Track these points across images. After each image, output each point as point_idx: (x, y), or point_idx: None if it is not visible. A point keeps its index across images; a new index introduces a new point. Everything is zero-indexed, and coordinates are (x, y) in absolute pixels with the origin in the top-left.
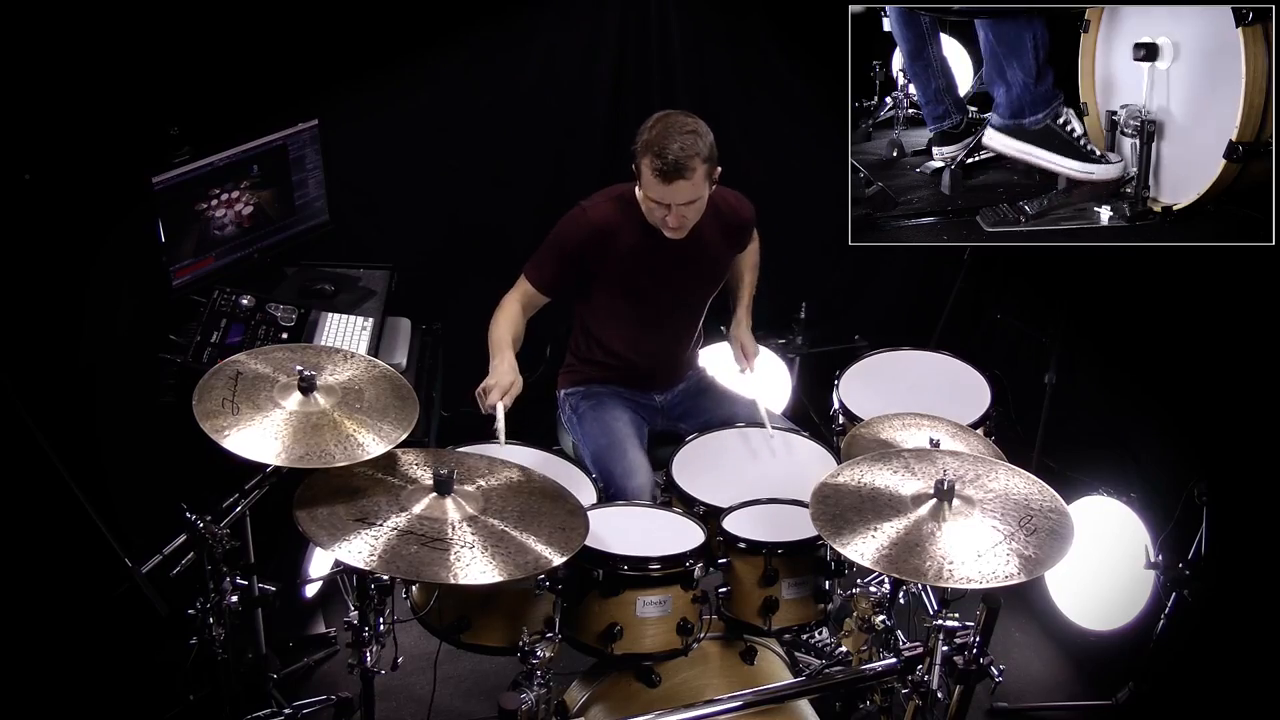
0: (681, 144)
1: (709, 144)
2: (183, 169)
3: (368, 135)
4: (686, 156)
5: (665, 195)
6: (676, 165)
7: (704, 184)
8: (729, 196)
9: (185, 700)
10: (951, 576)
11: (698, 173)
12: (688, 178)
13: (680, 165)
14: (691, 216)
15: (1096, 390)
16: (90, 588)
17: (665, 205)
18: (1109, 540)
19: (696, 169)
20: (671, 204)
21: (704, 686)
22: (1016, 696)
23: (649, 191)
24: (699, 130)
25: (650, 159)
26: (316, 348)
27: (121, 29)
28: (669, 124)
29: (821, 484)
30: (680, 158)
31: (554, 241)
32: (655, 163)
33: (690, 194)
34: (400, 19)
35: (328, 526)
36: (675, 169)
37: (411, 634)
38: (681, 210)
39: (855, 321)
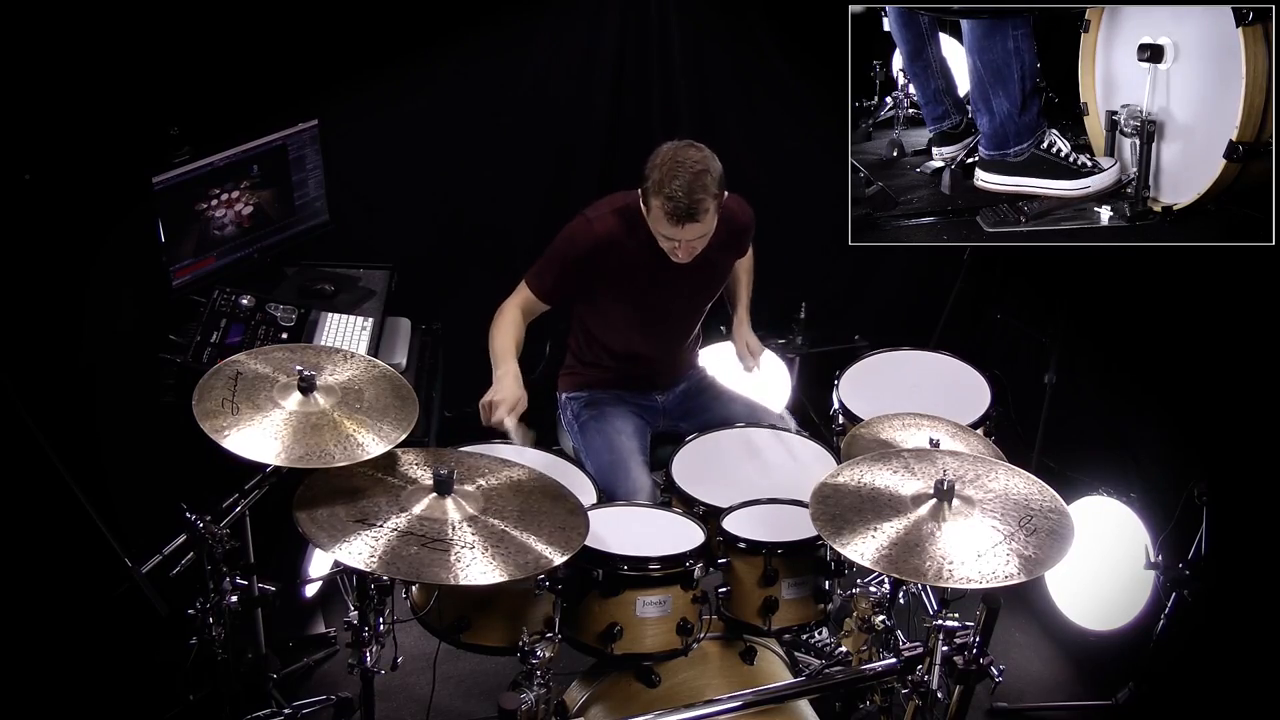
0: (692, 187)
1: (718, 178)
2: (183, 169)
3: (368, 135)
4: (697, 200)
5: (676, 234)
6: (690, 210)
7: (714, 218)
8: (730, 203)
9: (185, 700)
10: (951, 577)
11: (709, 213)
12: (699, 220)
13: (693, 209)
14: (699, 247)
15: (1096, 390)
16: (90, 587)
17: (675, 240)
18: (1109, 540)
19: (708, 209)
20: (681, 240)
21: (704, 687)
22: (1016, 696)
23: (659, 229)
24: (709, 168)
25: (662, 201)
26: (316, 348)
27: (121, 29)
28: (678, 164)
29: (821, 484)
30: (692, 202)
31: (557, 252)
32: (667, 205)
33: (702, 231)
34: (400, 19)
35: (328, 528)
36: (688, 214)
37: (411, 634)
38: (692, 244)
39: (855, 321)
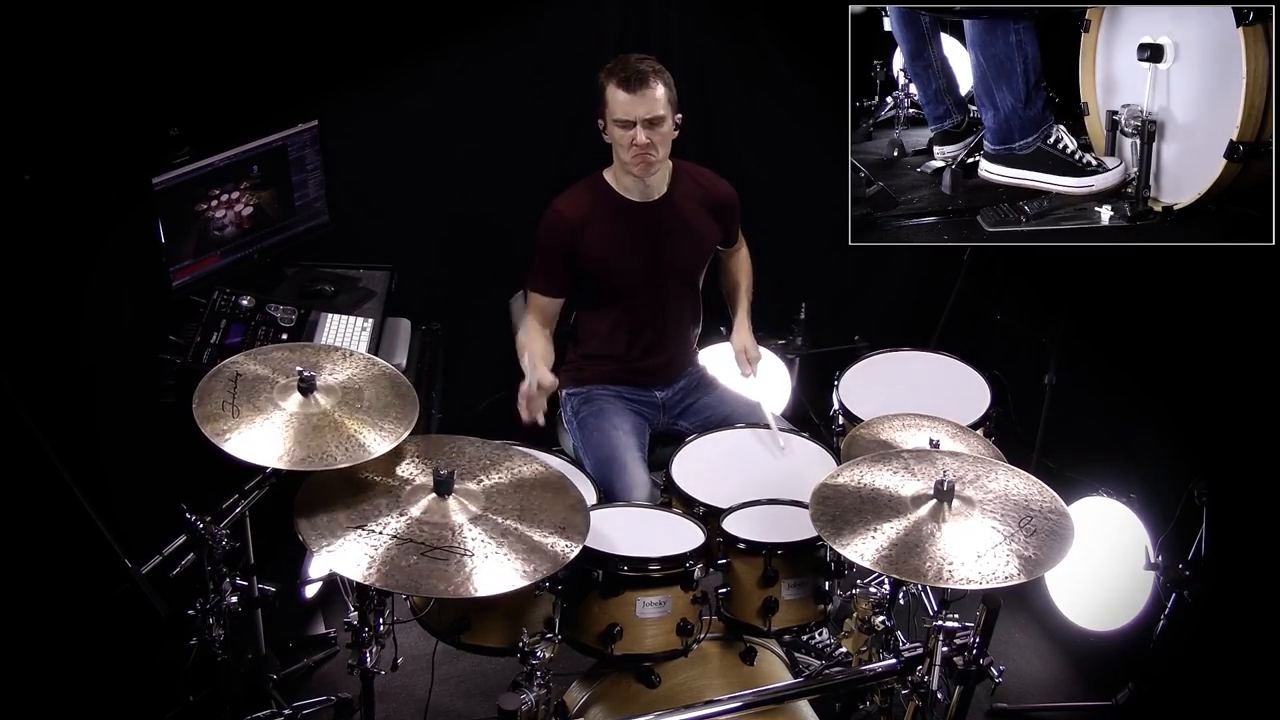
0: (640, 59)
1: (669, 78)
2: (183, 169)
3: (368, 135)
4: (648, 68)
5: (631, 108)
6: (639, 73)
7: (668, 106)
8: (705, 170)
9: (185, 701)
10: (951, 577)
11: (660, 87)
12: (651, 86)
13: (643, 73)
14: (659, 144)
15: (1096, 391)
16: (90, 588)
17: (631, 124)
18: (1109, 541)
19: (659, 83)
20: (636, 120)
21: (704, 687)
22: (1016, 697)
23: (615, 110)
24: (658, 64)
25: (615, 77)
26: (315, 347)
27: (121, 29)
28: (627, 55)
29: (821, 485)
30: (642, 68)
31: (540, 246)
32: (619, 74)
33: (656, 108)
34: (400, 19)
35: (327, 535)
36: (639, 76)
37: (411, 635)
38: (651, 132)
39: (855, 322)
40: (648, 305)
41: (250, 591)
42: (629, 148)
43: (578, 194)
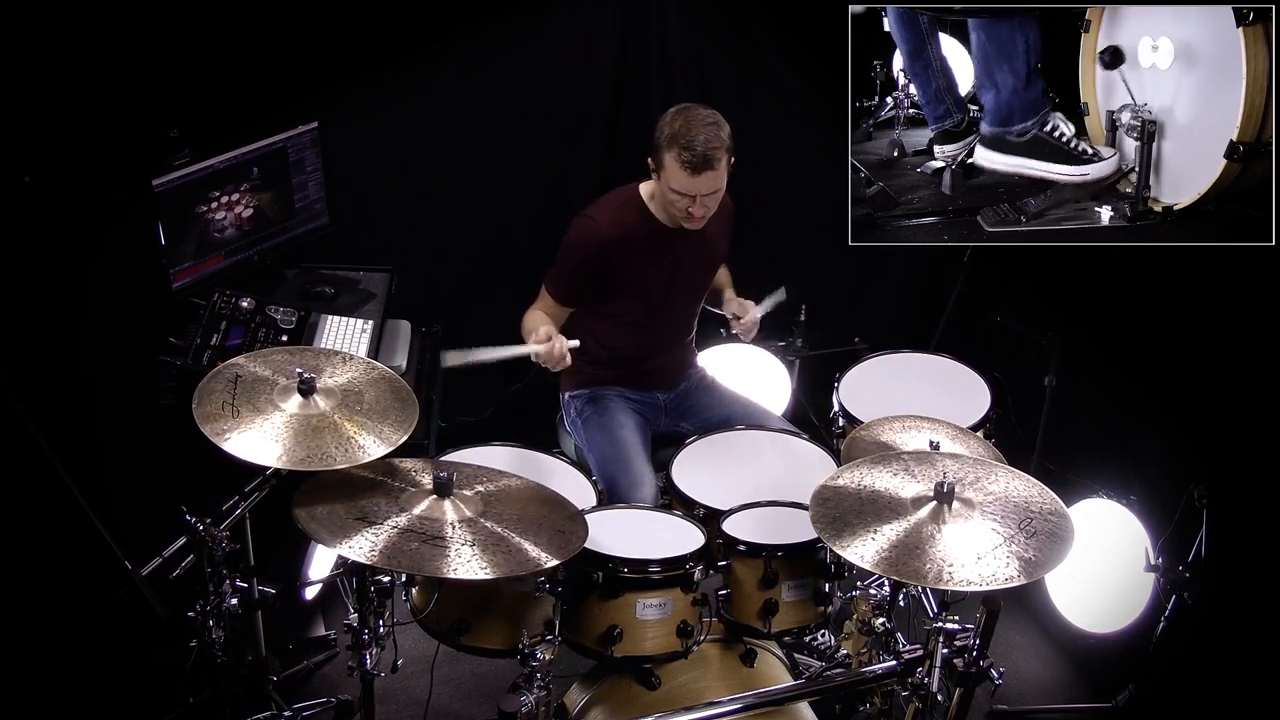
0: (707, 136)
1: (729, 134)
2: (183, 171)
3: (368, 137)
4: (713, 148)
5: (691, 187)
6: (705, 158)
7: (726, 174)
8: None
9: (185, 702)
10: (951, 579)
11: (722, 163)
12: (715, 169)
13: (709, 158)
14: (712, 207)
15: (1096, 392)
16: (90, 590)
17: (690, 196)
18: (1109, 543)
19: (722, 159)
20: (696, 195)
21: (704, 689)
22: (1016, 699)
23: (674, 184)
24: (719, 121)
25: (677, 152)
26: (315, 350)
27: (121, 31)
28: (691, 117)
29: (821, 486)
30: (708, 150)
31: (569, 257)
32: (683, 155)
33: (715, 184)
34: (400, 20)
35: (328, 524)
36: (704, 161)
37: (411, 636)
38: (705, 200)
39: (855, 323)
40: (657, 316)
41: (250, 593)
42: (682, 211)
43: (619, 211)
